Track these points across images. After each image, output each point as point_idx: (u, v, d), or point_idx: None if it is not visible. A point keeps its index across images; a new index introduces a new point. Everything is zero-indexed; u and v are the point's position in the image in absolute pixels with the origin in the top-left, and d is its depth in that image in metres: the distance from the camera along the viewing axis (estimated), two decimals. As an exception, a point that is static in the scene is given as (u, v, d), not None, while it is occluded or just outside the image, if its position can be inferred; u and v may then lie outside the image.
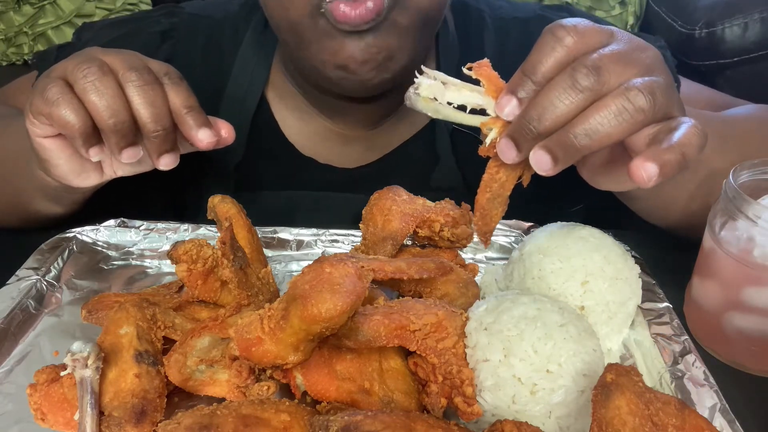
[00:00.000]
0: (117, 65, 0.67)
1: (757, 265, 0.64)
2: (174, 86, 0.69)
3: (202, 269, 0.65)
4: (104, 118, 0.65)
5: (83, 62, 0.66)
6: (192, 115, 0.69)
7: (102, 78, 0.65)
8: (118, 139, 0.67)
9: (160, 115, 0.67)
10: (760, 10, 1.31)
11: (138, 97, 0.66)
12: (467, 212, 0.73)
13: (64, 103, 0.65)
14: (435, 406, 0.58)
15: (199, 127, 0.69)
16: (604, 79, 0.54)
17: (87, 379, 0.54)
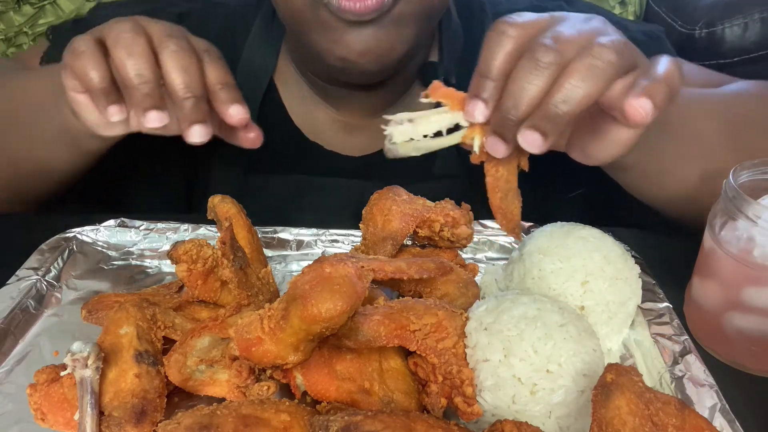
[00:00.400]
0: (156, 31, 0.67)
1: (757, 265, 0.64)
2: (212, 62, 0.69)
3: (202, 269, 0.65)
4: (129, 74, 0.64)
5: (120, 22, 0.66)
6: (226, 90, 0.69)
7: (134, 37, 0.65)
8: (142, 98, 0.65)
9: (192, 82, 0.66)
10: (760, 10, 1.31)
11: (171, 62, 0.65)
12: (467, 212, 0.73)
13: (86, 56, 0.65)
14: (435, 406, 0.58)
15: (231, 103, 0.69)
16: (563, 49, 0.56)
17: (87, 379, 0.54)
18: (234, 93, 0.69)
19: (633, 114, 0.56)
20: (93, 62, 0.65)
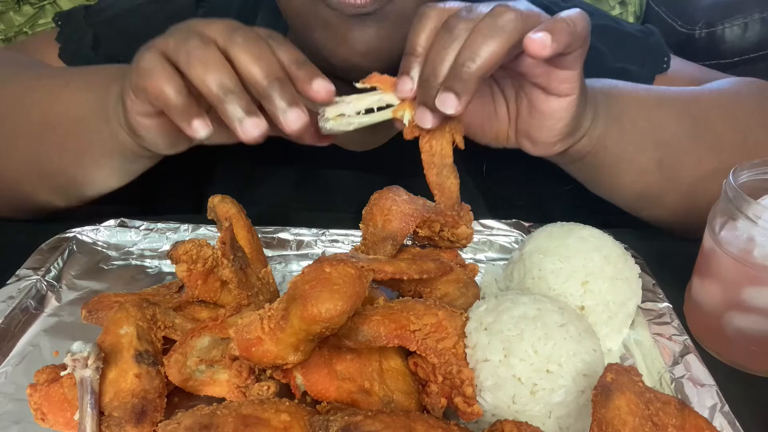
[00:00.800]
0: (217, 32, 0.62)
1: (757, 265, 0.64)
2: (280, 45, 0.64)
3: (202, 269, 0.65)
4: (213, 90, 0.60)
5: (183, 37, 0.61)
6: (304, 68, 0.63)
7: (205, 49, 0.60)
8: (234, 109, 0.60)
9: (270, 68, 0.61)
10: (760, 10, 1.31)
11: (243, 55, 0.61)
12: (467, 212, 0.73)
13: (158, 73, 0.61)
14: (435, 406, 0.58)
15: (312, 78, 0.63)
16: (474, 17, 0.60)
17: (87, 379, 0.54)
18: (312, 68, 0.64)
19: (530, 46, 0.58)
20: (167, 79, 0.61)
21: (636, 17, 1.57)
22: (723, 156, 0.77)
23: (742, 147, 0.82)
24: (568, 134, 0.71)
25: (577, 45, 0.62)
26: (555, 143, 0.72)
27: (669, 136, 0.80)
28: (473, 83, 0.59)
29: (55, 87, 0.82)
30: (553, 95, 0.67)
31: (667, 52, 0.99)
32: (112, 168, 0.80)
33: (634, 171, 0.80)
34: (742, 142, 0.82)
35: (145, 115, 0.67)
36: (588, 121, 0.73)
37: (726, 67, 1.34)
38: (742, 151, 0.81)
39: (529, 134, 0.72)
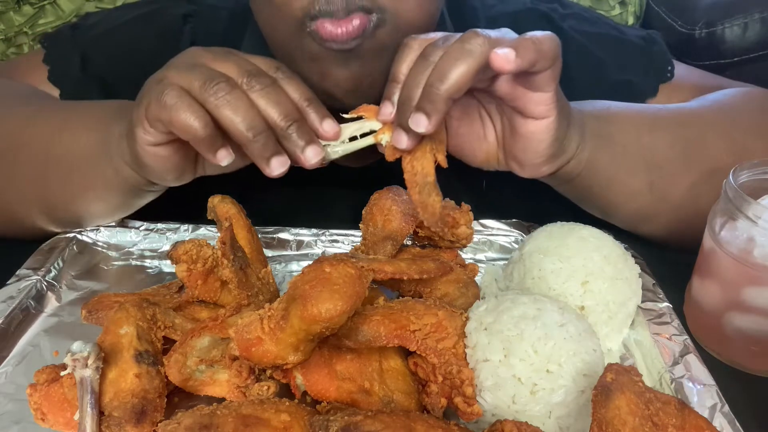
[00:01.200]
0: (234, 73, 0.66)
1: (757, 265, 0.64)
2: (288, 80, 0.68)
3: (202, 269, 0.65)
4: (243, 133, 0.64)
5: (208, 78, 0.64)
6: (313, 106, 0.68)
7: (232, 92, 0.64)
8: (261, 150, 0.65)
9: (288, 110, 0.66)
10: (760, 10, 1.31)
11: (263, 101, 0.65)
12: (467, 212, 0.73)
13: (184, 108, 0.63)
14: (435, 406, 0.58)
15: (322, 119, 0.68)
16: (448, 44, 0.63)
17: (87, 379, 0.54)
18: (321, 107, 0.69)
19: (494, 60, 0.60)
20: (195, 114, 0.63)
21: (636, 17, 1.57)
22: (717, 178, 0.77)
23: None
24: (552, 156, 0.72)
25: (545, 64, 0.63)
26: (541, 165, 0.73)
27: (661, 159, 0.80)
28: (441, 103, 0.61)
29: (56, 123, 0.83)
30: (531, 118, 0.69)
31: (671, 61, 0.99)
32: (117, 203, 0.81)
33: (625, 193, 0.81)
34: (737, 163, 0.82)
35: (155, 146, 0.69)
36: (574, 143, 0.74)
37: (726, 67, 1.34)
38: None
39: (515, 156, 0.73)
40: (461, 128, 0.75)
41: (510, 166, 0.75)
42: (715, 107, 0.90)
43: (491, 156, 0.76)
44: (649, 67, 0.98)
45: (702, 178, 0.81)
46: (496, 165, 0.77)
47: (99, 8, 1.74)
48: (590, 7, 1.64)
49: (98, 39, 0.99)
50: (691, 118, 0.87)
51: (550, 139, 0.70)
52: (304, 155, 0.67)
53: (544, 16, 0.99)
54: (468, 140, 0.76)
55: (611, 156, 0.78)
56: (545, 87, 0.66)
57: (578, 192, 0.82)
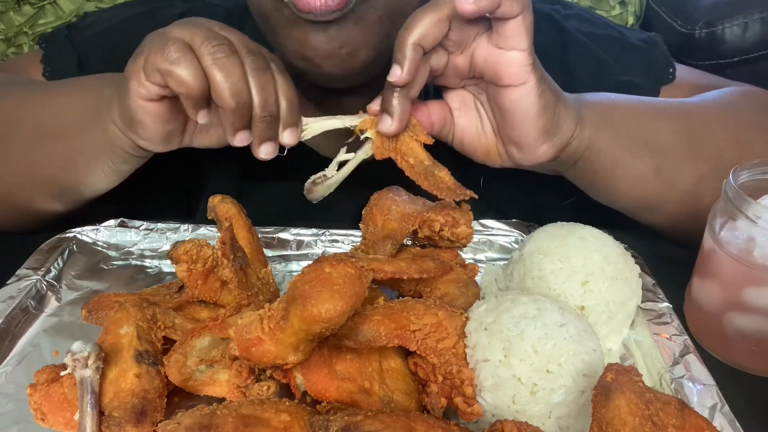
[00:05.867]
0: (237, 44, 0.67)
1: (758, 265, 0.64)
2: (280, 74, 0.69)
3: (202, 269, 0.65)
4: (227, 98, 0.65)
5: (211, 37, 0.65)
6: (289, 110, 0.70)
7: (230, 57, 0.65)
8: (235, 120, 0.67)
9: (269, 101, 0.67)
10: (760, 10, 1.31)
11: (253, 80, 0.66)
12: (467, 212, 0.73)
13: (185, 63, 0.64)
14: (435, 406, 0.58)
15: (287, 125, 0.70)
16: None
17: (87, 379, 0.54)
18: (294, 113, 0.70)
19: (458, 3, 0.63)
20: (193, 68, 0.65)
21: (636, 17, 1.57)
22: (724, 168, 0.77)
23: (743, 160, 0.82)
24: (546, 130, 0.72)
25: (512, 8, 0.64)
26: (537, 144, 0.73)
27: (665, 144, 0.81)
28: (409, 49, 0.64)
29: (48, 96, 0.85)
30: (510, 86, 0.69)
31: (672, 63, 0.99)
32: (103, 170, 0.81)
33: (631, 177, 0.81)
34: (744, 155, 0.82)
35: (147, 101, 0.70)
36: (570, 121, 0.74)
37: (726, 67, 1.34)
38: None
39: (510, 138, 0.74)
40: (461, 119, 0.77)
41: (510, 154, 0.75)
42: (718, 102, 0.90)
43: (491, 149, 0.77)
44: (650, 68, 0.98)
45: (707, 167, 0.81)
46: (497, 159, 0.77)
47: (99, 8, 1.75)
48: (590, 7, 1.65)
49: (94, 38, 1.00)
50: (694, 108, 0.87)
51: (536, 108, 0.70)
52: (260, 148, 0.69)
53: (546, 17, 1.00)
54: (468, 133, 0.77)
55: (614, 138, 0.78)
56: (517, 42, 0.67)
57: (583, 177, 0.82)
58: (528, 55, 0.68)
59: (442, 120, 0.76)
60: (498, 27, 0.67)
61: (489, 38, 0.69)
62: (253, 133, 0.69)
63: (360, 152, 0.71)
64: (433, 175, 0.70)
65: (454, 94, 0.77)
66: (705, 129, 0.83)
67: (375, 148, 0.70)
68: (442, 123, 0.76)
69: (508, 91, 0.70)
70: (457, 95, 0.77)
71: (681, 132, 0.82)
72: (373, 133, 0.70)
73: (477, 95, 0.76)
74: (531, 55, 0.69)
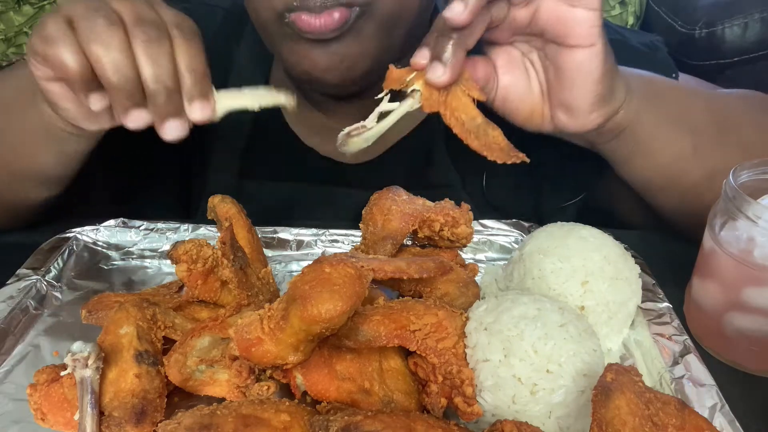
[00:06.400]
0: (126, 15, 0.61)
1: (758, 265, 0.64)
2: (183, 42, 0.62)
3: (202, 269, 0.65)
4: (107, 74, 0.59)
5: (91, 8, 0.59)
6: (193, 79, 0.62)
7: (109, 28, 0.59)
8: (122, 99, 0.61)
9: (162, 74, 0.61)
10: (760, 10, 1.31)
11: (142, 53, 0.60)
12: (467, 212, 0.73)
13: (61, 43, 0.59)
14: (435, 406, 0.58)
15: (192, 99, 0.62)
16: None
17: (87, 379, 0.54)
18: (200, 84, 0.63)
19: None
20: (68, 49, 0.59)
21: (636, 17, 1.57)
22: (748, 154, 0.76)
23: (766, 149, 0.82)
24: (602, 97, 0.69)
25: None
26: (590, 110, 0.70)
27: (698, 124, 0.79)
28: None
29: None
30: (576, 47, 0.66)
31: (675, 69, 0.98)
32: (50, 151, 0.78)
33: (670, 154, 0.79)
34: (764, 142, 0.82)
35: (47, 80, 0.66)
36: (621, 91, 0.71)
37: (726, 67, 1.34)
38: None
39: (562, 101, 0.70)
40: (506, 77, 0.72)
41: (557, 119, 0.72)
42: (735, 95, 0.90)
43: (536, 111, 0.73)
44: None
45: (736, 153, 0.79)
46: (539, 122, 0.73)
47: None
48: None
49: None
50: (717, 96, 0.87)
51: (599, 71, 0.67)
52: (163, 128, 0.63)
53: None
54: (513, 92, 0.73)
55: (657, 111, 0.77)
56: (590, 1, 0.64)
57: (622, 149, 0.79)
58: (599, 15, 0.65)
59: (486, 77, 0.71)
60: None
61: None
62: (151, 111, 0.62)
63: (404, 103, 0.65)
64: (486, 134, 0.64)
65: (501, 50, 0.72)
66: (735, 120, 0.83)
67: (423, 100, 0.64)
68: (486, 80, 0.71)
69: (573, 51, 0.66)
70: (504, 51, 0.72)
71: (711, 114, 0.81)
72: (422, 84, 0.64)
73: (527, 53, 0.72)
74: (600, 17, 0.66)
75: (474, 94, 0.65)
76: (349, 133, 0.65)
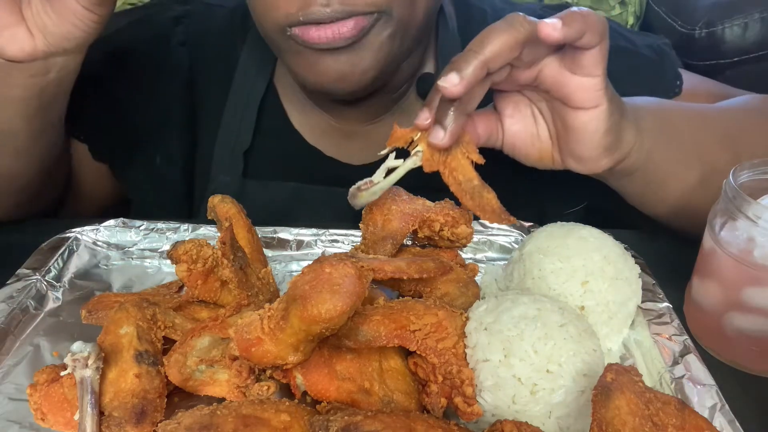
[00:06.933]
0: None
1: (758, 265, 0.64)
2: None
3: (202, 269, 0.65)
4: None
5: None
6: None
7: None
8: None
9: None
10: (760, 10, 1.31)
11: None
12: (467, 212, 0.73)
13: None
14: (435, 406, 0.58)
15: None
16: None
17: (87, 379, 0.54)
18: None
19: (542, 28, 0.60)
20: None
21: (636, 17, 1.57)
22: None
23: None
24: (609, 147, 0.70)
25: (593, 39, 0.62)
26: (599, 158, 0.71)
27: (711, 155, 0.80)
28: (476, 65, 0.60)
29: None
30: (580, 108, 0.67)
31: (679, 74, 0.99)
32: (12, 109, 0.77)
33: (680, 188, 0.80)
34: None
35: None
36: (630, 135, 0.72)
37: (726, 67, 1.34)
38: None
39: (571, 152, 0.72)
40: (514, 126, 0.74)
41: (567, 163, 0.74)
42: (749, 109, 0.90)
43: (545, 155, 0.75)
44: (659, 82, 0.97)
45: None
46: (550, 164, 0.75)
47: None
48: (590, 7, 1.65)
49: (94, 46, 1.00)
50: (731, 115, 0.87)
51: (604, 128, 0.68)
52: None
53: None
54: (521, 139, 0.75)
55: (669, 149, 0.77)
56: (593, 69, 0.65)
57: (635, 187, 0.81)
58: (602, 80, 0.66)
59: (488, 132, 0.74)
60: (575, 55, 0.64)
61: (561, 61, 0.66)
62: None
63: (409, 161, 0.68)
64: (480, 196, 0.67)
65: (508, 98, 0.74)
66: (743, 136, 0.83)
67: (424, 161, 0.67)
68: (488, 134, 0.74)
69: (577, 112, 0.68)
70: (511, 100, 0.74)
71: (724, 141, 0.81)
72: (424, 145, 0.67)
73: (535, 101, 0.73)
74: (605, 80, 0.66)
75: (473, 157, 0.67)
76: (359, 188, 0.69)
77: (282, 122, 0.98)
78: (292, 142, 0.98)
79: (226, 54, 0.98)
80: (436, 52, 0.96)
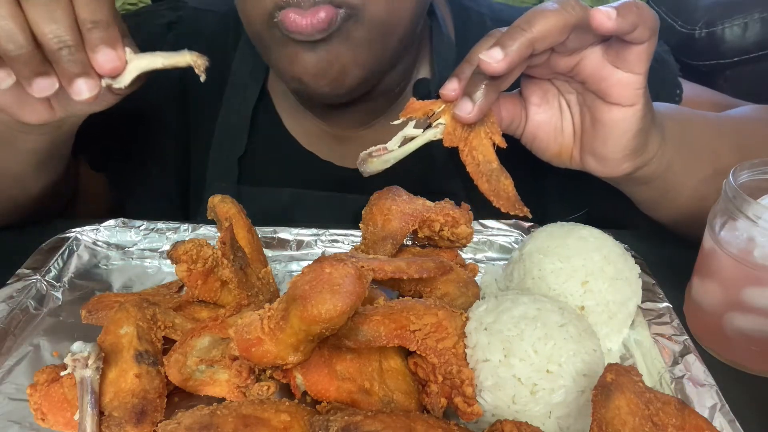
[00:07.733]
0: None
1: (758, 265, 0.64)
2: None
3: (202, 269, 0.65)
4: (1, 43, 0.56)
5: None
6: (97, 31, 0.58)
7: None
8: (21, 67, 0.57)
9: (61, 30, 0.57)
10: (760, 10, 1.31)
11: (34, 13, 0.56)
12: (467, 212, 0.73)
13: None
14: (435, 406, 0.58)
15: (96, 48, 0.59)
16: None
17: (87, 379, 0.54)
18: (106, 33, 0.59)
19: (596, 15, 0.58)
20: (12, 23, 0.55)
21: (636, 17, 1.57)
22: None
23: None
24: (635, 150, 0.69)
25: (644, 34, 0.60)
26: (622, 161, 0.70)
27: (725, 164, 0.79)
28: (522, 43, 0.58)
29: None
30: (616, 104, 0.66)
31: (679, 83, 0.98)
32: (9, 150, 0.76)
33: (694, 197, 0.79)
34: None
35: None
36: (656, 142, 0.71)
37: (726, 67, 1.34)
38: None
39: (594, 150, 0.70)
40: (538, 115, 0.72)
41: (586, 162, 0.72)
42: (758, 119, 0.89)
43: (564, 151, 0.73)
44: (660, 91, 0.96)
45: None
46: (567, 161, 0.74)
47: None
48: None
49: None
50: (742, 125, 0.86)
51: (635, 129, 0.67)
52: (72, 88, 0.59)
53: None
54: (544, 130, 0.73)
55: (688, 159, 0.77)
56: (637, 66, 0.63)
57: (650, 195, 0.80)
58: (644, 78, 0.64)
59: (511, 117, 0.71)
60: (621, 48, 0.63)
61: (605, 53, 0.64)
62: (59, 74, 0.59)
63: (429, 132, 0.65)
64: (497, 180, 0.65)
65: (537, 86, 0.72)
66: (755, 145, 0.82)
67: (445, 134, 0.64)
68: (511, 119, 0.72)
69: (612, 108, 0.66)
70: (540, 88, 0.72)
71: (737, 151, 0.81)
72: (448, 118, 0.64)
73: (564, 92, 0.71)
74: (645, 78, 0.65)
75: (496, 139, 0.65)
76: (371, 154, 0.66)
77: (276, 128, 0.98)
78: (288, 147, 0.98)
79: (218, 59, 0.98)
80: (431, 57, 0.96)
